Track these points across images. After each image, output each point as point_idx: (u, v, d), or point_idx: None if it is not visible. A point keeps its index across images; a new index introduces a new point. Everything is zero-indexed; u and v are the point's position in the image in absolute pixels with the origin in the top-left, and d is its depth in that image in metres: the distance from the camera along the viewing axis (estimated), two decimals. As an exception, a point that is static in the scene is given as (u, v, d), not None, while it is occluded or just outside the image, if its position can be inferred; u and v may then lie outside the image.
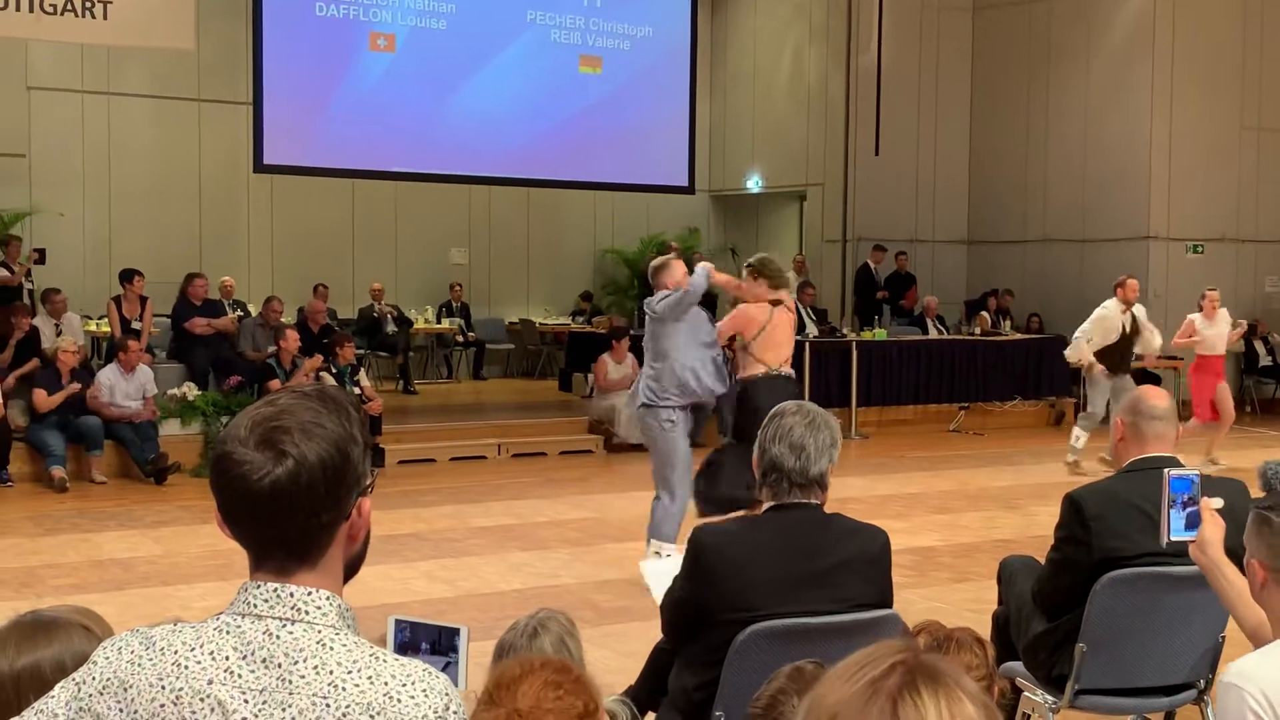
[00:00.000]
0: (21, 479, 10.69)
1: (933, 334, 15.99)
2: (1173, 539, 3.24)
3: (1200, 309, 12.44)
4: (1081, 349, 11.82)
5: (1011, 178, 18.20)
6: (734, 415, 7.55)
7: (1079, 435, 11.81)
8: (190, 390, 11.77)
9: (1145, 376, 15.06)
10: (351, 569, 1.75)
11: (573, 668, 2.26)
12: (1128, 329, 11.71)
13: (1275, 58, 16.92)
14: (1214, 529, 3.16)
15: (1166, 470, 3.25)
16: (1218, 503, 3.19)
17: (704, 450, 12.88)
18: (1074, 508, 4.02)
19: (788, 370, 7.57)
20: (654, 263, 7.85)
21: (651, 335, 7.61)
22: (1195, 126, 16.55)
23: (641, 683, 3.71)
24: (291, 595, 1.65)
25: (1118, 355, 11.71)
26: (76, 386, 10.84)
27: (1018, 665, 4.27)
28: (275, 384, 11.56)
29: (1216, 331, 12.28)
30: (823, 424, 3.45)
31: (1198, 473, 3.29)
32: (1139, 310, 11.86)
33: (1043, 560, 4.27)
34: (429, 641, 2.09)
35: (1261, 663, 2.66)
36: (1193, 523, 3.20)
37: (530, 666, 2.23)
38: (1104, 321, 11.74)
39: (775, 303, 7.58)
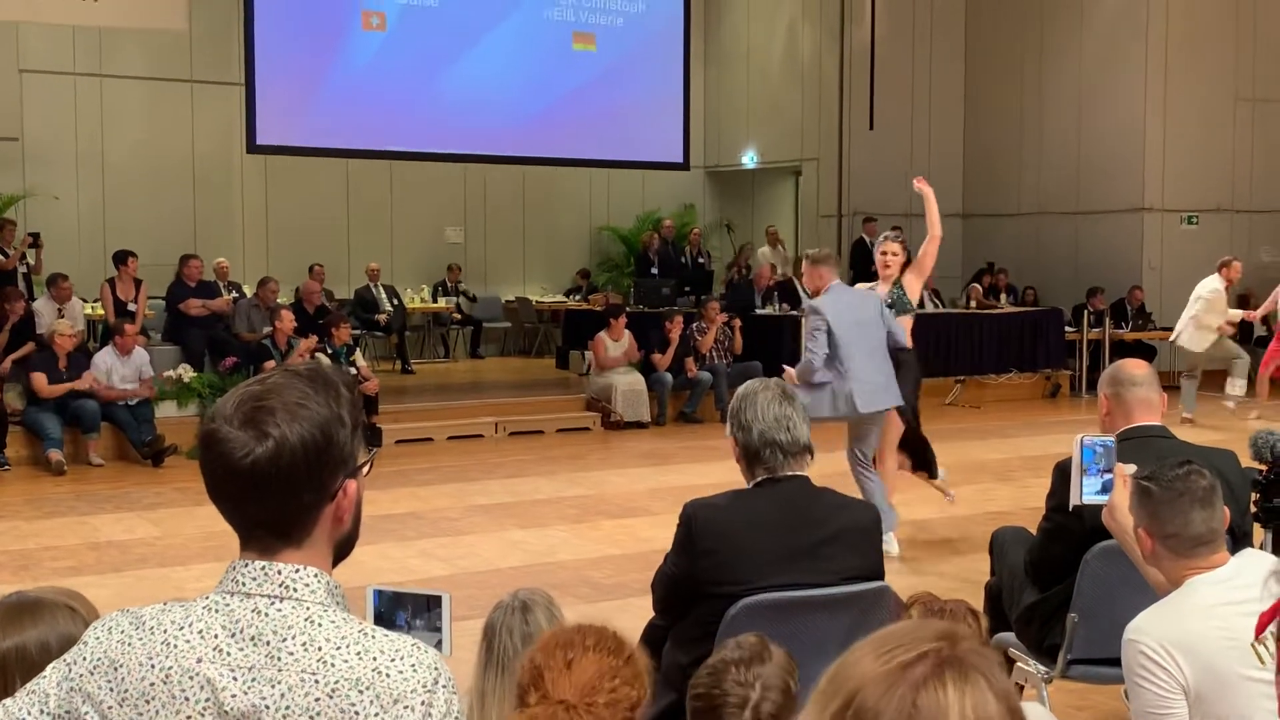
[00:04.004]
0: (19, 462, 10.70)
1: (928, 308, 15.96)
2: (1085, 501, 3.30)
3: None
4: (1203, 335, 13.00)
5: (1006, 151, 18.17)
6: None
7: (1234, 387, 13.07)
8: (186, 372, 11.78)
9: (1140, 349, 15.10)
10: (342, 550, 1.75)
11: (625, 645, 2.26)
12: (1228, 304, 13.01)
13: (1269, 28, 16.88)
14: (1124, 495, 3.22)
15: (1079, 436, 3.30)
16: (1130, 469, 3.24)
17: (699, 425, 12.97)
18: (1063, 476, 4.02)
19: None
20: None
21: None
22: (1189, 98, 16.52)
23: (635, 658, 3.73)
24: (280, 573, 1.65)
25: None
26: (68, 387, 10.81)
27: (1010, 636, 4.29)
28: (270, 365, 11.56)
29: None
30: (792, 394, 3.57)
31: (1109, 439, 3.34)
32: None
33: (1034, 531, 4.29)
34: (413, 609, 2.09)
35: (1153, 617, 2.86)
36: (1106, 488, 3.26)
37: (582, 645, 2.21)
38: (1217, 301, 12.96)
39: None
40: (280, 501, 1.65)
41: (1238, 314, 13.44)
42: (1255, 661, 2.75)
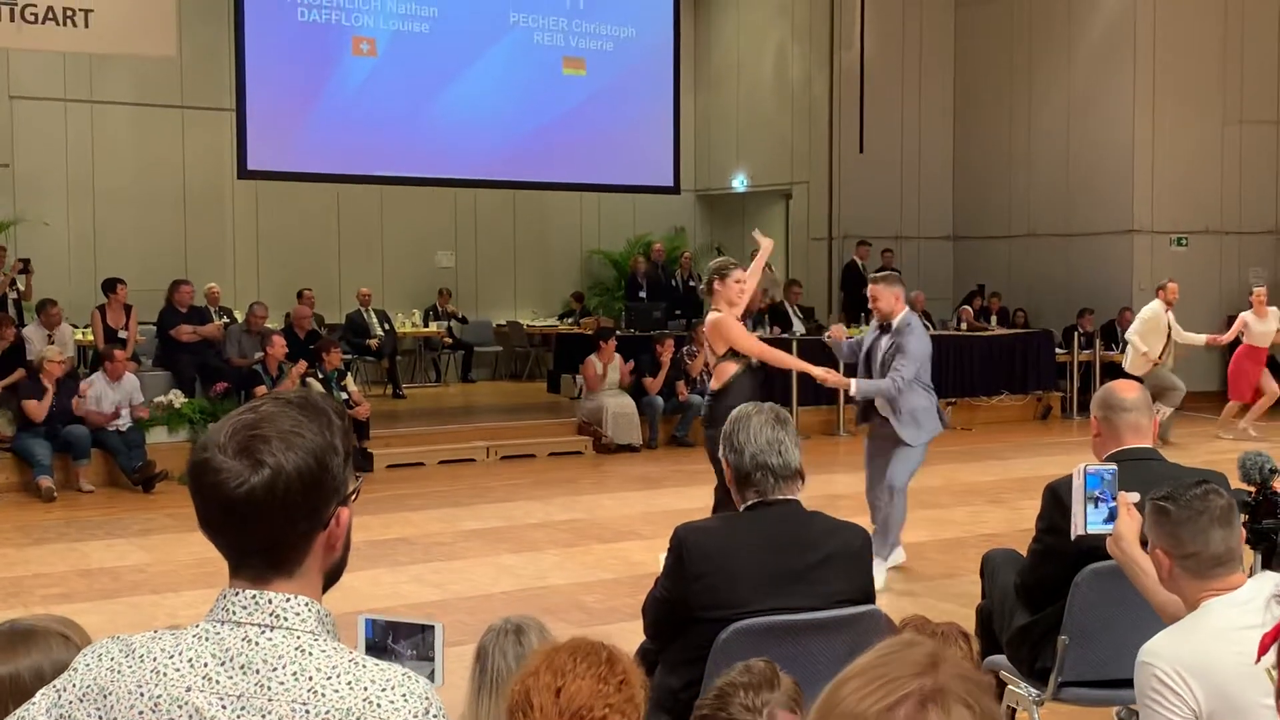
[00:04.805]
0: (9, 489, 10.67)
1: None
2: (1089, 531, 3.29)
3: (1251, 306, 13.67)
4: (1138, 357, 13.18)
5: (995, 173, 18.25)
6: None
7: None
8: (177, 398, 11.76)
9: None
10: (331, 578, 1.75)
11: (618, 666, 2.23)
12: (1170, 326, 13.19)
13: (1256, 51, 16.99)
14: (1129, 523, 3.21)
15: (1081, 466, 3.30)
16: (1134, 497, 3.24)
17: (690, 448, 12.96)
18: (1054, 498, 4.05)
19: (713, 384, 7.25)
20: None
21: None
22: (1177, 120, 16.62)
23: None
24: (270, 602, 1.65)
25: (1162, 349, 13.29)
26: (47, 403, 10.79)
27: (1001, 658, 4.29)
28: (261, 390, 11.55)
29: (1266, 328, 13.46)
30: (786, 418, 3.58)
31: (1113, 468, 3.34)
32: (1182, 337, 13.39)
33: (1025, 553, 4.30)
34: (404, 639, 2.09)
35: (1168, 640, 2.83)
36: (1112, 516, 3.25)
37: (573, 670, 2.18)
38: (1154, 322, 13.11)
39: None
40: (275, 530, 1.65)
41: (1200, 338, 13.44)
42: (1271, 686, 2.73)
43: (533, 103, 16.05)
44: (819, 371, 7.55)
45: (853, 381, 7.54)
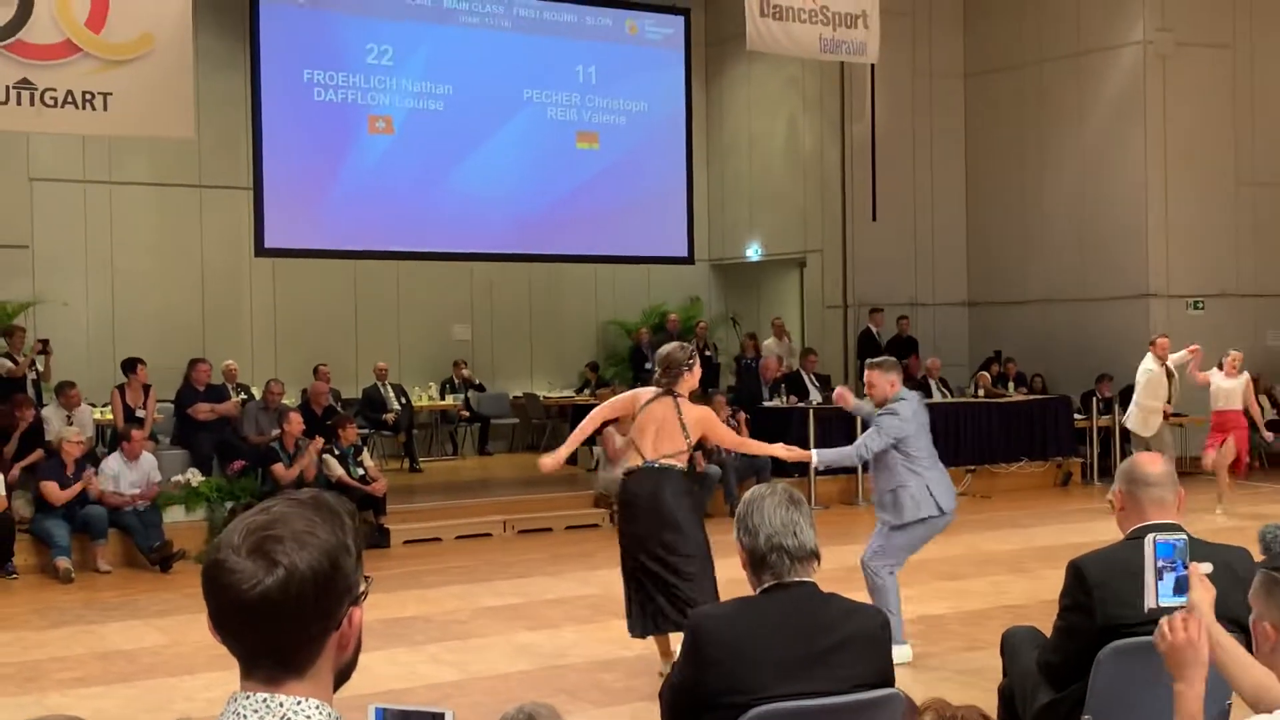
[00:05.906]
0: (27, 570, 10.66)
1: (936, 397, 15.96)
2: (1161, 604, 3.21)
3: (1221, 367, 13.30)
4: (1148, 418, 12.99)
5: (1009, 239, 18.28)
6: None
7: None
8: (194, 476, 11.77)
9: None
10: (341, 678, 1.75)
11: None
12: (1170, 382, 12.98)
13: (1268, 113, 17.05)
14: (1204, 594, 3.14)
15: (1151, 535, 3.23)
16: (1207, 568, 3.17)
17: (708, 519, 12.86)
18: (1077, 575, 4.01)
19: (667, 462, 7.11)
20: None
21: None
22: (1191, 183, 16.65)
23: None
24: (281, 705, 1.65)
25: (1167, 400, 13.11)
26: (78, 488, 10.80)
27: (1025, 738, 4.23)
28: (279, 467, 11.57)
29: (1229, 385, 13.15)
30: (799, 499, 3.55)
31: (1184, 538, 3.28)
32: (1170, 361, 13.05)
33: (1047, 630, 4.25)
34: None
35: None
36: (1182, 588, 3.18)
37: None
38: (1155, 378, 12.93)
39: (667, 392, 7.16)
40: (288, 631, 1.65)
41: (1183, 354, 12.99)
42: None
43: (547, 177, 16.21)
44: (779, 450, 7.59)
45: (814, 453, 7.59)
